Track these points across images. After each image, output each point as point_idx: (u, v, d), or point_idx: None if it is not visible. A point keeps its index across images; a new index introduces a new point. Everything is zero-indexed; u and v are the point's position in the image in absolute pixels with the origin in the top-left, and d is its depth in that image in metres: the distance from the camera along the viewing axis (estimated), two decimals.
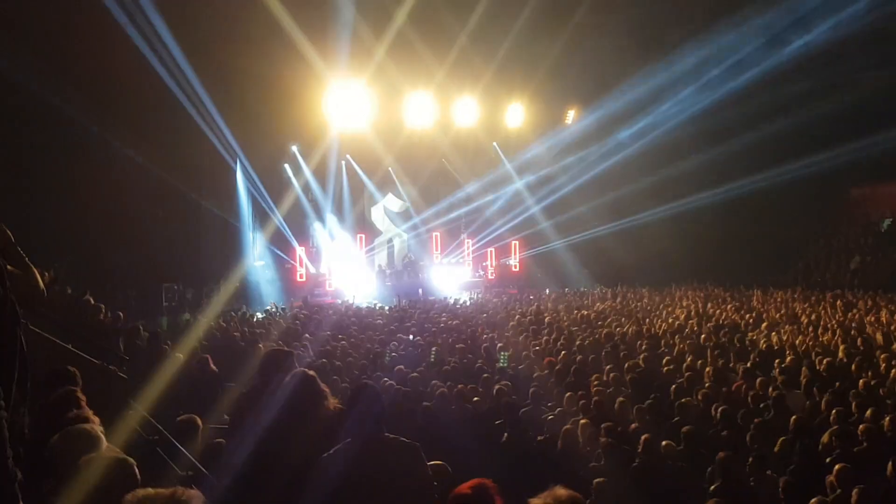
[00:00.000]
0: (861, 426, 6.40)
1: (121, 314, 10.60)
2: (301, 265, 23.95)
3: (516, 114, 25.09)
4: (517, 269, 28.09)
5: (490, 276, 27.30)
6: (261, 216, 22.78)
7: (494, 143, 26.75)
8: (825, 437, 6.41)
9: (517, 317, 15.37)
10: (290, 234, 23.28)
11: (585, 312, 16.22)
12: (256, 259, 22.61)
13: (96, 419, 3.80)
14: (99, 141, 16.52)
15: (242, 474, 3.49)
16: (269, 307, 18.77)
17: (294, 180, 23.52)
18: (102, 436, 3.49)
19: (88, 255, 16.41)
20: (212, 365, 8.06)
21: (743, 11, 21.46)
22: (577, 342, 11.62)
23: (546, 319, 14.95)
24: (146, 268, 18.59)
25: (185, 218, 19.71)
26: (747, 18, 21.67)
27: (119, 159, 17.08)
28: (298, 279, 23.82)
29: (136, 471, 3.06)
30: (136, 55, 16.25)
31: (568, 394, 7.73)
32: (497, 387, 7.97)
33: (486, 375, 8.79)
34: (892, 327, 13.09)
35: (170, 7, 16.16)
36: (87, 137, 16.36)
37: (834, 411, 6.80)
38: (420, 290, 23.58)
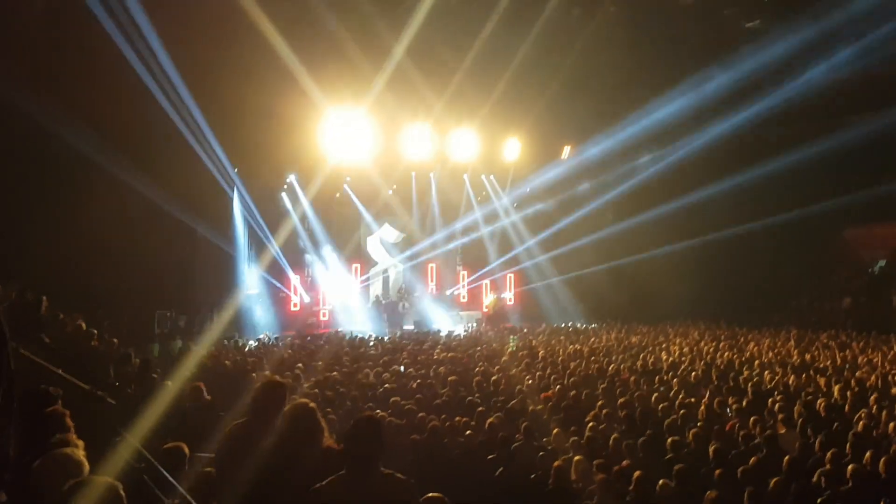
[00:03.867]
0: (851, 467, 6.38)
1: (115, 341, 10.53)
2: (296, 294, 23.89)
3: (513, 148, 25.30)
4: (512, 302, 28.08)
5: (485, 309, 27.28)
6: (256, 245, 22.77)
7: (491, 176, 26.94)
8: (817, 478, 6.39)
9: (508, 351, 15.32)
10: (285, 263, 23.25)
11: (579, 347, 16.19)
12: (251, 288, 22.53)
13: (80, 443, 3.76)
14: (95, 167, 16.54)
15: None
16: (262, 336, 18.66)
17: (291, 209, 23.56)
18: (85, 461, 3.45)
19: (81, 280, 16.32)
20: (205, 393, 7.98)
21: (736, 54, 21.78)
22: (571, 377, 11.58)
23: (540, 354, 14.91)
24: (139, 294, 18.48)
25: (179, 245, 19.65)
26: (741, 61, 21.98)
27: (115, 186, 17.07)
28: (293, 308, 23.74)
29: (124, 496, 3.03)
30: (135, 82, 16.37)
31: (556, 430, 7.69)
32: (490, 420, 7.92)
33: (479, 409, 8.74)
34: (887, 368, 13.09)
35: (170, 36, 16.33)
36: (82, 163, 16.37)
37: (824, 452, 6.77)
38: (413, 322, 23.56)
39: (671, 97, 22.95)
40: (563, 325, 23.45)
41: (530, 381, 11.13)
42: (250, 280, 22.56)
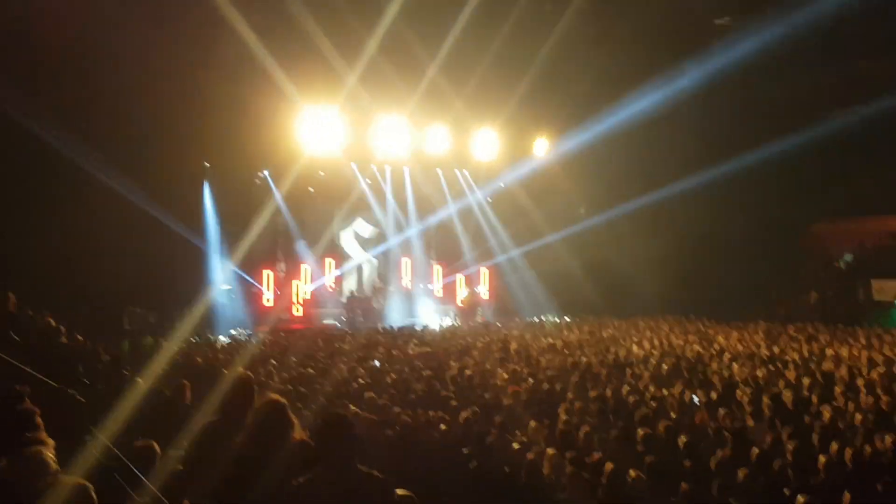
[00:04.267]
0: (822, 458, 6.52)
1: (81, 338, 10.39)
2: (269, 290, 23.71)
3: (487, 142, 25.29)
4: (487, 297, 28.17)
5: (459, 304, 27.32)
6: (229, 240, 22.53)
7: (465, 171, 26.95)
8: (786, 470, 6.52)
9: (482, 345, 15.37)
10: (257, 258, 23.06)
11: (552, 341, 16.30)
12: (223, 283, 22.32)
13: (51, 442, 3.72)
14: (62, 161, 16.26)
15: (204, 503, 3.43)
16: (234, 332, 18.50)
17: (264, 204, 23.37)
18: (54, 460, 3.41)
19: (50, 276, 16.06)
20: (188, 394, 7.88)
21: (707, 51, 22.05)
22: (545, 371, 11.66)
23: (513, 348, 14.99)
24: (108, 290, 18.21)
25: (150, 241, 19.39)
26: (714, 58, 22.26)
27: (83, 180, 16.82)
28: (265, 304, 23.56)
29: (94, 495, 3.00)
30: (103, 75, 16.11)
31: (532, 423, 7.74)
32: (464, 414, 7.95)
33: (453, 403, 8.77)
34: (853, 360, 13.38)
35: (143, 31, 16.09)
36: (48, 157, 16.09)
37: (791, 443, 6.91)
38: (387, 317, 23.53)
39: (644, 92, 23.15)
40: (536, 320, 23.59)
41: (505, 376, 11.18)
42: (222, 276, 22.35)
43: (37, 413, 4.14)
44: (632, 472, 5.99)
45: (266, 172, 23.14)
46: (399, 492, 3.86)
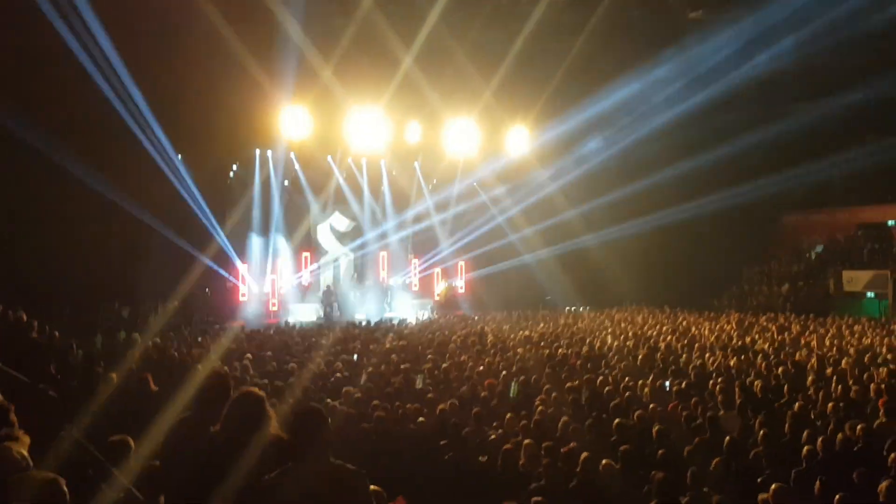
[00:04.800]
0: (793, 447, 6.65)
1: (56, 333, 10.27)
2: (244, 284, 23.53)
3: (463, 134, 25.18)
4: (463, 290, 28.23)
5: (436, 297, 27.35)
6: (203, 234, 22.30)
7: (442, 164, 26.90)
8: (757, 457, 6.64)
9: (459, 338, 15.42)
10: (232, 252, 22.89)
11: (528, 333, 16.40)
12: (198, 277, 22.09)
13: (27, 439, 3.68)
14: (35, 154, 16.02)
15: (179, 497, 3.42)
16: (208, 327, 18.36)
17: (238, 198, 23.19)
18: (27, 455, 3.38)
19: (22, 270, 15.83)
20: (152, 384, 7.85)
21: (679, 45, 22.23)
22: (520, 363, 11.74)
23: (490, 340, 15.07)
24: (82, 285, 17.99)
25: (123, 234, 19.18)
26: (684, 51, 22.45)
27: (56, 173, 16.58)
28: (241, 298, 23.39)
29: (66, 490, 2.99)
30: (74, 68, 15.87)
31: (509, 415, 7.80)
32: (441, 407, 7.99)
33: (430, 396, 8.81)
34: (824, 350, 13.64)
35: (114, 24, 15.87)
36: (19, 150, 15.83)
37: (762, 432, 7.03)
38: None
39: (618, 84, 23.29)
40: (513, 313, 23.68)
41: (481, 368, 11.24)
42: (197, 270, 22.12)
43: (10, 409, 4.09)
44: (604, 461, 6.06)
45: (237, 165, 22.93)
46: (372, 487, 3.87)
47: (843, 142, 24.80)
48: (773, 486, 5.53)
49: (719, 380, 10.07)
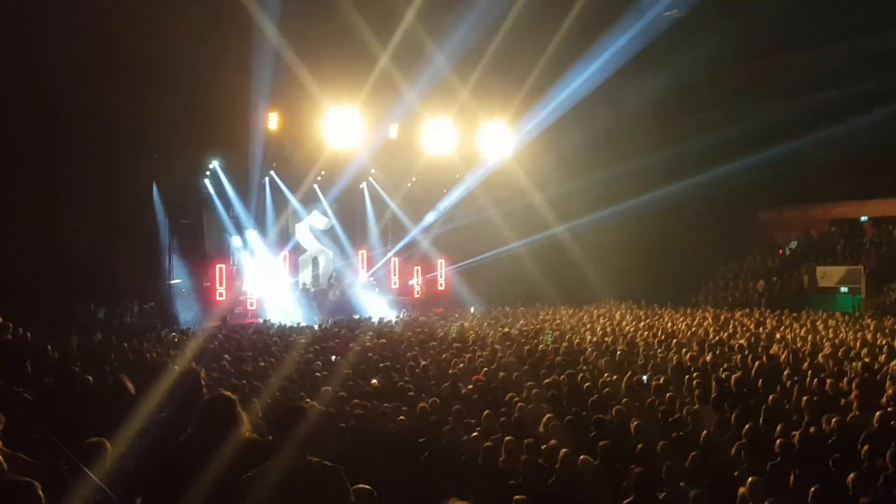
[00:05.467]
0: (769, 440, 6.73)
1: (28, 333, 10.12)
2: (220, 283, 23.31)
3: (440, 132, 25.10)
4: (443, 287, 28.24)
5: (416, 295, 27.34)
6: (179, 233, 22.10)
7: (420, 162, 26.83)
8: (733, 451, 6.72)
9: (439, 336, 15.44)
10: (209, 250, 22.70)
11: (508, 330, 16.46)
12: (172, 277, 21.91)
13: None
14: (6, 149, 15.76)
15: (153, 498, 3.40)
16: (185, 327, 18.20)
17: (214, 195, 22.99)
18: (2, 459, 3.34)
19: None
20: (130, 386, 7.75)
21: (659, 41, 22.40)
22: (500, 359, 11.77)
23: (470, 337, 15.10)
24: (56, 284, 17.73)
25: (98, 233, 18.93)
26: (664, 47, 22.63)
27: (29, 168, 16.32)
28: (218, 298, 23.17)
29: (41, 494, 2.95)
30: (48, 61, 15.63)
31: (487, 412, 7.82)
32: (421, 405, 8.00)
33: (410, 394, 8.81)
34: (799, 345, 13.82)
35: (82, 14, 15.64)
36: None
37: (745, 427, 7.10)
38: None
39: (589, 74, 23.36)
40: (492, 310, 23.74)
41: (461, 365, 11.26)
42: (173, 269, 21.93)
43: None
44: (584, 457, 6.10)
45: (216, 162, 22.71)
46: (357, 487, 3.88)
47: (816, 139, 25.09)
48: (749, 480, 5.61)
49: (696, 374, 10.16)
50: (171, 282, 21.76)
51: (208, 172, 22.93)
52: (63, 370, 8.47)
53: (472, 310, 24.12)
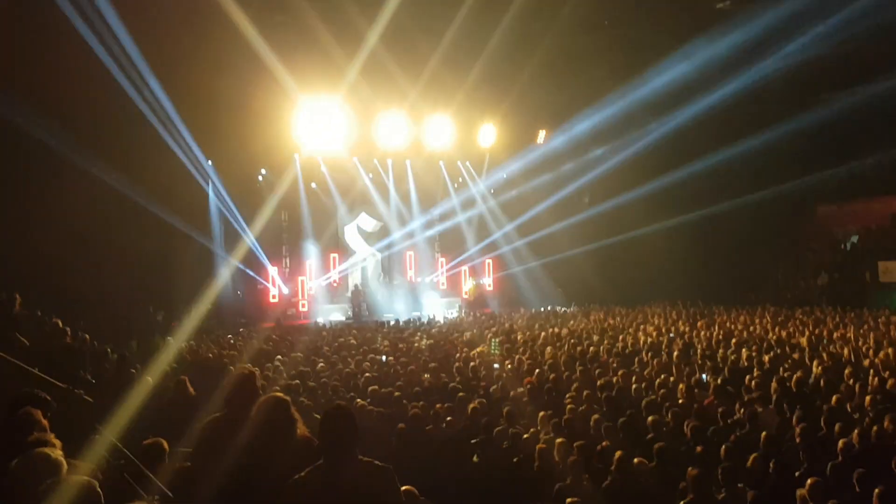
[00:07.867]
0: (830, 441, 6.50)
1: (87, 336, 10.42)
2: (274, 286, 23.76)
3: (489, 134, 25.18)
4: (491, 288, 28.16)
5: (465, 295, 27.34)
6: (233, 237, 22.58)
7: (468, 163, 26.89)
8: (794, 452, 6.50)
9: (490, 336, 15.37)
10: (262, 254, 23.10)
11: (558, 330, 16.29)
12: (229, 280, 22.37)
13: (58, 443, 3.72)
14: (69, 163, 16.29)
15: (211, 500, 3.43)
16: (241, 329, 18.53)
17: (267, 201, 23.38)
18: (63, 460, 3.41)
19: (58, 277, 16.11)
20: (190, 388, 7.91)
21: (708, 35, 21.86)
22: (550, 361, 11.65)
23: (519, 338, 14.99)
24: (116, 290, 18.28)
25: (156, 240, 19.44)
26: (714, 42, 22.08)
27: (89, 181, 16.85)
28: (271, 300, 23.62)
29: (101, 494, 3.01)
30: (105, 76, 16.11)
31: (541, 413, 7.72)
32: (472, 405, 7.95)
33: (461, 395, 8.77)
34: (860, 343, 13.34)
35: (140, 27, 16.08)
36: (56, 160, 16.11)
37: (800, 427, 6.88)
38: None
39: (645, 79, 23.02)
40: (542, 310, 23.55)
41: (510, 366, 11.18)
42: (228, 273, 22.40)
43: (40, 413, 4.14)
44: (639, 459, 5.98)
45: (266, 169, 23.16)
46: (404, 487, 3.85)
47: (875, 131, 24.22)
48: (809, 481, 5.43)
49: (755, 374, 9.89)
50: (227, 285, 22.19)
51: (261, 177, 23.36)
52: (122, 372, 8.71)
53: (521, 310, 23.98)
